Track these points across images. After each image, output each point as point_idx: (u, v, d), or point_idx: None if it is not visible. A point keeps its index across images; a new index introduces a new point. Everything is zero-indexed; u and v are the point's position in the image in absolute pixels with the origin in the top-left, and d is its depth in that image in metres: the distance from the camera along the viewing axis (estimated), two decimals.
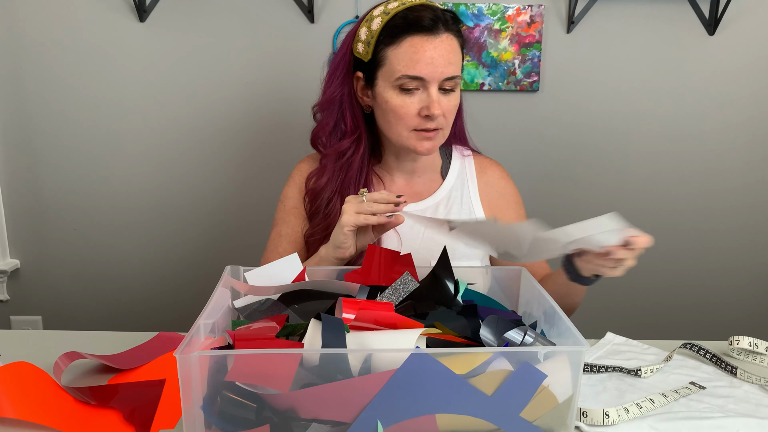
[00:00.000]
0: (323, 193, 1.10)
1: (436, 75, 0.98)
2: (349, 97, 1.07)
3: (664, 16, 1.75)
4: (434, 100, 0.99)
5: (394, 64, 1.00)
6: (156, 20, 1.77)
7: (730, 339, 0.99)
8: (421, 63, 0.98)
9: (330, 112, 1.09)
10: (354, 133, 1.08)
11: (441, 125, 1.03)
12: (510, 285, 0.94)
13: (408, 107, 1.01)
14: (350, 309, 0.74)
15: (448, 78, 0.99)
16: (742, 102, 1.81)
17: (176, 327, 1.06)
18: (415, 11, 0.99)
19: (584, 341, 0.66)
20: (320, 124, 1.11)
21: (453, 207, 1.13)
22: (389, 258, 0.90)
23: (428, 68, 0.98)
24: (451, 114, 1.04)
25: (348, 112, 1.08)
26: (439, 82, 0.99)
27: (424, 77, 0.98)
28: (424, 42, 0.98)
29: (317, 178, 1.11)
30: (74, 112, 1.83)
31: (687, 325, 1.98)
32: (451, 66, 0.99)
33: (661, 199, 1.88)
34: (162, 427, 0.76)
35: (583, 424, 0.78)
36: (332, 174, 1.09)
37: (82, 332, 1.12)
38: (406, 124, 1.02)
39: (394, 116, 1.02)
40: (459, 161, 1.17)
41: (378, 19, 1.01)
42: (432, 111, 0.99)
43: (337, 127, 1.09)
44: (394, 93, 1.01)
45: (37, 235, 1.93)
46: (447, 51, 0.99)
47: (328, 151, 1.10)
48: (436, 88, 1.00)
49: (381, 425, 0.62)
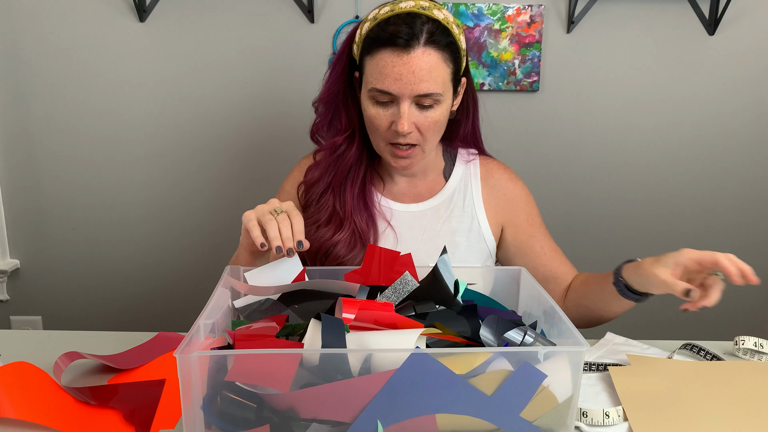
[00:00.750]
0: (316, 186, 1.10)
1: (405, 92, 0.95)
2: (344, 95, 1.07)
3: (664, 16, 1.75)
4: (402, 117, 0.96)
5: (368, 76, 0.99)
6: (156, 20, 1.77)
7: (736, 339, 0.99)
8: (389, 78, 0.95)
9: (328, 107, 1.09)
10: (347, 130, 1.08)
11: (416, 140, 1.00)
12: (510, 285, 0.94)
13: (381, 119, 0.99)
14: (350, 309, 0.74)
15: (420, 95, 0.96)
16: (742, 102, 1.81)
17: (176, 327, 1.06)
18: (393, 24, 0.96)
19: (584, 341, 0.66)
20: (319, 118, 1.11)
21: (454, 211, 1.12)
22: (389, 258, 0.90)
23: (396, 84, 0.95)
24: (429, 129, 0.99)
25: (342, 109, 1.07)
26: (410, 98, 0.96)
27: (392, 92, 0.96)
28: (394, 58, 0.95)
29: (312, 171, 1.11)
30: (74, 111, 1.83)
31: (687, 325, 1.97)
32: (424, 83, 0.95)
33: (661, 198, 1.88)
34: (162, 427, 0.76)
35: (583, 424, 0.78)
36: (326, 168, 1.09)
37: (82, 332, 1.12)
38: (381, 136, 1.01)
39: (370, 125, 1.02)
40: (463, 164, 1.15)
41: (368, 23, 1.00)
42: (398, 127, 0.97)
43: (332, 123, 1.09)
44: (370, 103, 1.00)
45: (37, 235, 1.93)
46: (419, 68, 0.94)
47: (323, 145, 1.10)
48: (408, 104, 0.96)
49: (381, 425, 0.62)
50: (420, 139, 1.01)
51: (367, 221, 1.09)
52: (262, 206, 0.90)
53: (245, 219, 0.89)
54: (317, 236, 1.07)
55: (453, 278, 0.84)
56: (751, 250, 1.92)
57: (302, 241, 0.86)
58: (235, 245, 1.02)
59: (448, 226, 1.11)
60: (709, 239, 1.91)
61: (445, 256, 0.84)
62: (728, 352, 1.00)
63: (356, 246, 1.07)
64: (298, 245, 0.85)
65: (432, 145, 1.04)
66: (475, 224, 1.12)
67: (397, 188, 1.14)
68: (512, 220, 1.14)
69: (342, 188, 1.09)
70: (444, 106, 1.00)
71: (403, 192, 1.14)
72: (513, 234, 1.14)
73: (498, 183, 1.15)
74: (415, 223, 1.12)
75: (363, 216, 1.09)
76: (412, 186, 1.14)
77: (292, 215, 0.88)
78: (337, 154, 1.08)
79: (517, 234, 1.13)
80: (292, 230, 0.86)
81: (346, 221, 1.08)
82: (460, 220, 1.12)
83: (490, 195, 1.14)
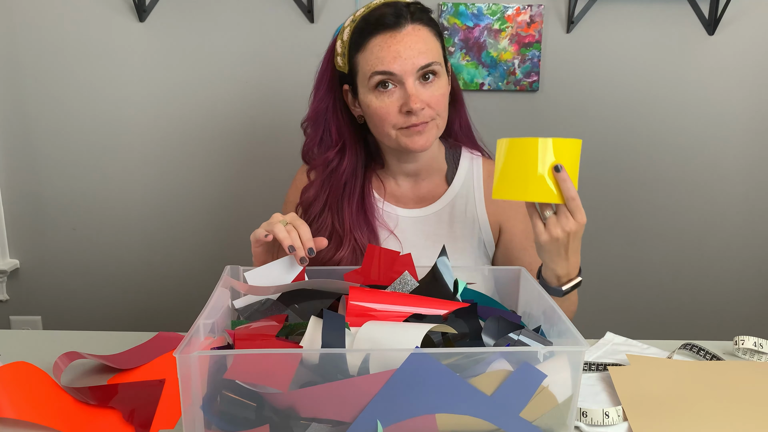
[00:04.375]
0: (313, 207, 1.10)
1: (407, 67, 0.96)
2: (333, 110, 1.07)
3: (664, 16, 1.75)
4: (411, 94, 0.97)
5: (365, 67, 0.99)
6: (156, 20, 1.77)
7: (735, 339, 0.99)
8: (387, 58, 0.96)
9: (317, 126, 1.09)
10: (337, 144, 1.07)
11: (429, 117, 1.00)
12: (510, 285, 0.94)
13: (388, 107, 0.99)
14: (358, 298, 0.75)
15: (422, 67, 0.97)
16: (742, 102, 1.81)
17: (176, 327, 1.06)
18: (377, 11, 0.99)
19: (584, 341, 0.66)
20: (309, 138, 1.11)
21: (457, 216, 1.12)
22: (388, 258, 0.90)
23: (396, 62, 0.96)
24: (438, 103, 1.00)
25: (333, 124, 1.07)
26: (413, 74, 0.97)
27: (395, 72, 0.97)
28: (387, 39, 0.97)
29: (306, 191, 1.11)
30: (74, 111, 1.83)
31: (687, 325, 1.98)
32: (423, 55, 0.97)
33: (662, 198, 1.88)
34: (162, 427, 0.76)
35: (583, 424, 0.78)
36: (320, 186, 1.09)
37: (81, 332, 1.12)
38: (391, 124, 1.01)
39: (378, 119, 1.01)
40: (466, 168, 1.14)
41: (348, 29, 1.02)
42: (411, 105, 0.97)
43: (323, 140, 1.09)
44: (373, 96, 1.00)
45: (36, 235, 1.93)
46: (414, 42, 0.97)
47: (314, 163, 1.10)
48: (413, 81, 0.97)
49: (381, 425, 0.62)
50: (433, 114, 1.01)
51: (368, 236, 1.09)
52: (265, 223, 0.91)
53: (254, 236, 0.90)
54: (319, 256, 1.06)
55: (453, 278, 0.84)
56: (751, 251, 1.92)
57: (312, 247, 0.87)
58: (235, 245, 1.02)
59: (451, 233, 1.11)
60: (709, 239, 1.91)
61: (444, 256, 0.84)
62: (728, 352, 1.00)
63: (358, 262, 1.06)
64: (309, 252, 0.87)
65: (444, 120, 1.04)
66: (476, 229, 1.12)
67: (400, 191, 1.14)
68: (509, 228, 1.13)
69: (339, 205, 1.09)
70: (443, 79, 1.02)
71: (406, 195, 1.14)
72: (508, 239, 1.13)
73: None
74: (418, 229, 1.12)
75: (363, 231, 1.08)
76: (415, 189, 1.14)
77: (298, 224, 0.89)
78: (330, 168, 1.08)
79: (512, 241, 1.13)
80: (301, 239, 0.87)
81: (345, 238, 1.07)
82: (463, 226, 1.11)
83: (490, 194, 1.13)
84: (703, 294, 1.95)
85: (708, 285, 1.95)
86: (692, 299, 1.96)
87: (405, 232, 1.11)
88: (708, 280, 1.94)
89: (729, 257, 1.92)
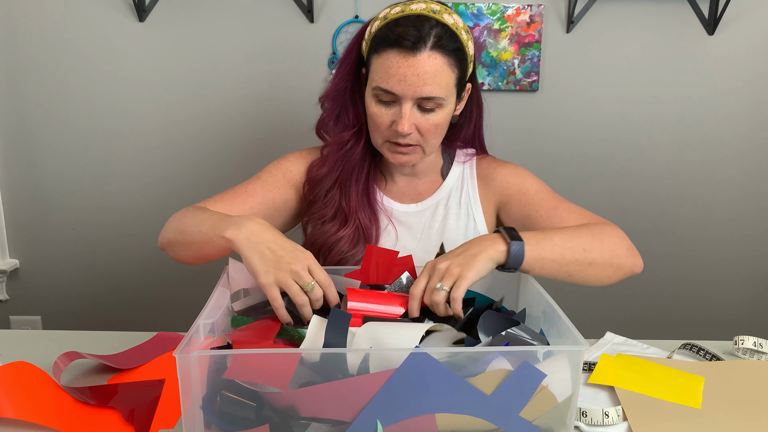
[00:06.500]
0: (323, 183, 1.10)
1: (408, 93, 0.96)
2: (352, 92, 1.07)
3: (664, 16, 1.75)
4: (403, 117, 0.97)
5: (373, 74, 0.99)
6: (155, 20, 1.77)
7: (735, 339, 0.99)
8: (393, 79, 0.96)
9: (335, 103, 1.09)
10: (355, 126, 1.08)
11: (415, 141, 1.01)
12: (510, 285, 0.94)
13: (382, 117, 1.00)
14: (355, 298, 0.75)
15: (423, 98, 0.96)
16: (742, 102, 1.81)
17: (176, 327, 1.06)
18: (402, 26, 0.96)
19: (584, 341, 0.66)
20: (326, 113, 1.11)
21: (451, 209, 1.13)
22: (387, 258, 0.90)
23: (400, 85, 0.95)
24: (429, 132, 1.00)
25: (350, 105, 1.07)
26: (413, 99, 0.97)
27: (396, 92, 0.96)
28: (399, 59, 0.95)
29: (318, 167, 1.11)
30: (73, 111, 1.83)
31: (687, 325, 1.98)
32: (428, 87, 0.95)
33: (661, 198, 1.88)
34: (161, 427, 0.76)
35: (583, 424, 0.78)
36: (333, 164, 1.09)
37: (81, 332, 1.12)
38: (380, 133, 1.02)
39: (371, 123, 1.03)
40: (461, 163, 1.16)
41: (377, 22, 1.01)
42: (398, 128, 0.97)
43: (340, 118, 1.09)
44: (373, 101, 1.00)
45: (36, 235, 1.93)
46: (424, 71, 0.94)
47: (331, 141, 1.10)
48: (410, 106, 0.97)
49: (380, 425, 0.62)
50: (420, 140, 1.01)
51: (371, 218, 1.10)
52: (292, 286, 0.82)
53: (273, 302, 0.83)
54: (322, 231, 1.08)
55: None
56: (750, 251, 1.92)
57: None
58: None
59: (446, 225, 1.12)
60: (709, 239, 1.91)
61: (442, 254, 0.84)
62: (728, 351, 1.00)
63: (359, 242, 1.08)
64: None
65: (432, 147, 1.04)
66: (472, 222, 1.12)
67: (397, 188, 1.14)
68: (505, 201, 1.12)
69: (347, 185, 1.09)
70: (446, 110, 1.00)
71: (403, 191, 1.14)
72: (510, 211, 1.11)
73: (487, 173, 1.14)
74: (413, 222, 1.13)
75: (366, 213, 1.10)
76: (411, 186, 1.15)
77: (326, 286, 0.84)
78: (344, 150, 1.08)
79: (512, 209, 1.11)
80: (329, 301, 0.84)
81: (350, 217, 1.08)
82: (457, 218, 1.12)
83: (487, 191, 1.14)
84: (703, 294, 1.95)
85: (708, 285, 1.95)
86: (692, 299, 1.96)
87: (401, 226, 1.13)
88: (708, 280, 1.94)
89: (729, 257, 1.92)
